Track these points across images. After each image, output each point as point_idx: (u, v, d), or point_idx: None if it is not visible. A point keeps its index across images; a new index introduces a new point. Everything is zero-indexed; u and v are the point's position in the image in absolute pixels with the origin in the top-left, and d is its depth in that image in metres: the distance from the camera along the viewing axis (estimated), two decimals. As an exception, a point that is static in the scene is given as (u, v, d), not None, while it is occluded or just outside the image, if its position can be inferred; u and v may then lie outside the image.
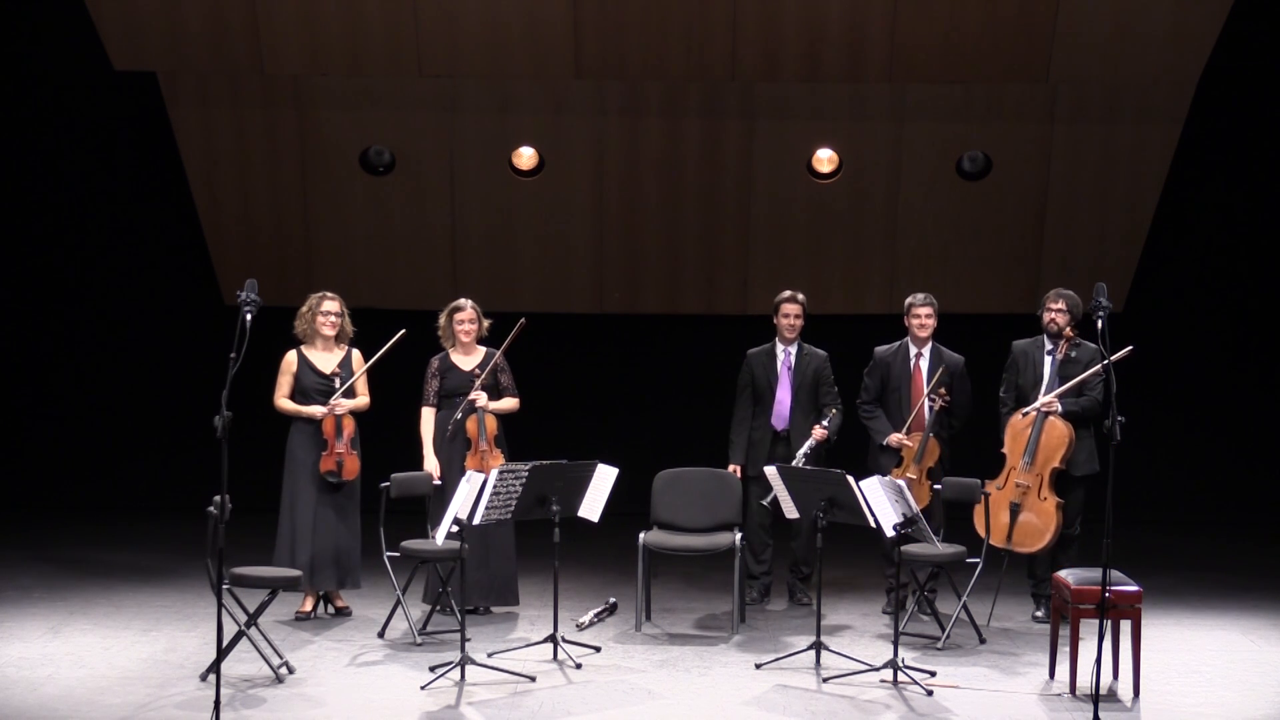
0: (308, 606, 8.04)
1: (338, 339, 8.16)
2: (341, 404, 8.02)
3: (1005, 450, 7.98)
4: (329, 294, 8.19)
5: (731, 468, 8.50)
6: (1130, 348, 7.59)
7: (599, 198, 11.05)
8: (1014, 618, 8.25)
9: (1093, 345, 7.88)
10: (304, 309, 8.16)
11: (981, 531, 7.94)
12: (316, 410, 8.00)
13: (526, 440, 8.73)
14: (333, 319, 8.09)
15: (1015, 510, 7.87)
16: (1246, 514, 11.36)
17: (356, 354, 8.20)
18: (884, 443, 8.29)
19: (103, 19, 10.21)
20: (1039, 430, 7.87)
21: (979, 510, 7.94)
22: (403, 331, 8.02)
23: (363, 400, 8.17)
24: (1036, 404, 7.92)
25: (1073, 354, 7.99)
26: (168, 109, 10.75)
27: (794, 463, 8.16)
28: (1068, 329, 7.97)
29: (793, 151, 10.90)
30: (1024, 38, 10.10)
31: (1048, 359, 8.10)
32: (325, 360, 8.12)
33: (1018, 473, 7.89)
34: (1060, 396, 7.90)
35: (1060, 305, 8.06)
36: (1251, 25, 10.50)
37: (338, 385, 8.04)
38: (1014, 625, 8.12)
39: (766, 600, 8.61)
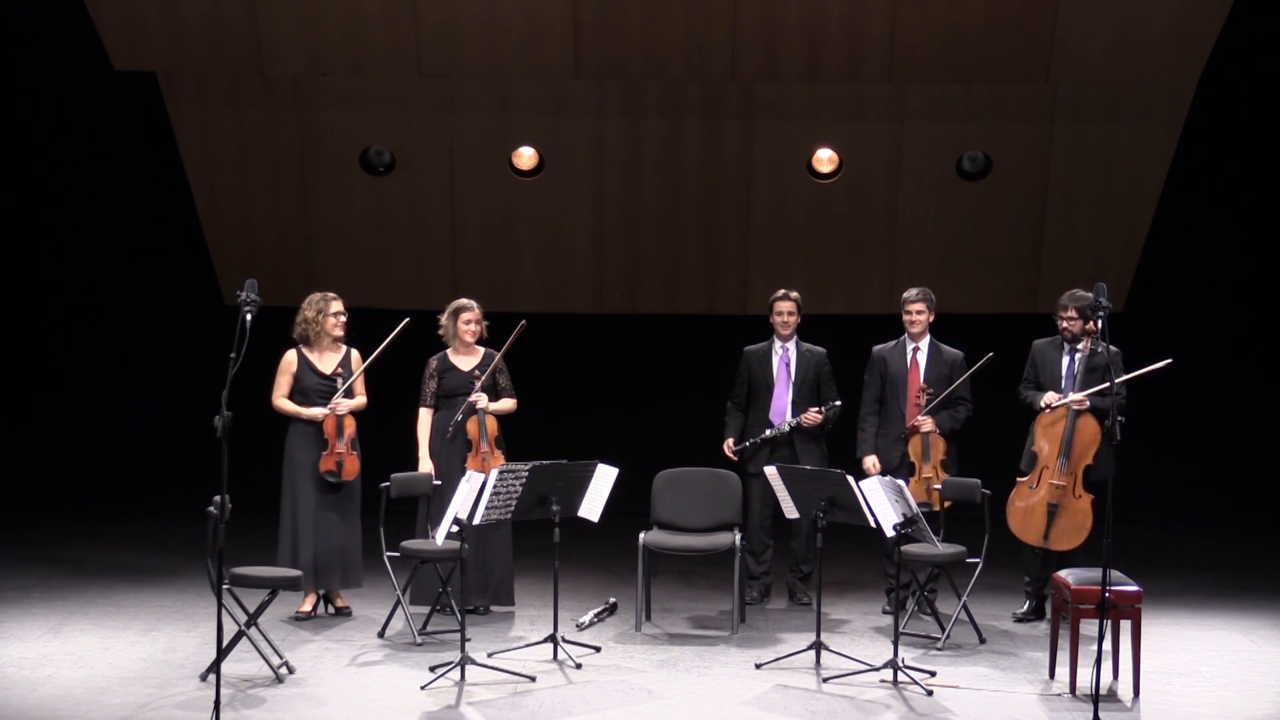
0: (307, 606, 8.04)
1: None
2: (342, 404, 8.02)
3: (1036, 449, 7.96)
4: (330, 294, 8.16)
5: (726, 443, 8.54)
6: (1169, 360, 7.64)
7: (599, 198, 11.05)
8: (1015, 618, 8.25)
9: (1115, 349, 7.88)
10: (308, 312, 8.10)
11: (1013, 528, 7.91)
12: (318, 412, 7.99)
13: (527, 440, 8.73)
14: (343, 319, 8.09)
15: (1053, 510, 7.85)
16: (1246, 514, 11.36)
17: (355, 354, 8.18)
18: (858, 457, 8.32)
19: (103, 19, 10.21)
20: (1071, 429, 7.86)
21: (1012, 509, 7.92)
22: (406, 320, 7.99)
23: (361, 400, 8.16)
24: (1064, 400, 7.89)
25: (1098, 350, 7.95)
26: (168, 109, 10.75)
27: (768, 432, 8.40)
28: (1089, 325, 7.94)
29: (793, 151, 10.91)
30: (1024, 38, 10.10)
31: (1065, 359, 8.10)
32: (326, 361, 8.11)
33: (1052, 472, 7.85)
34: (1089, 395, 7.88)
35: (1071, 313, 8.01)
36: (1251, 25, 10.50)
37: (339, 386, 8.04)
38: (1014, 625, 8.12)
39: (766, 600, 8.61)
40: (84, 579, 8.93)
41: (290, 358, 8.10)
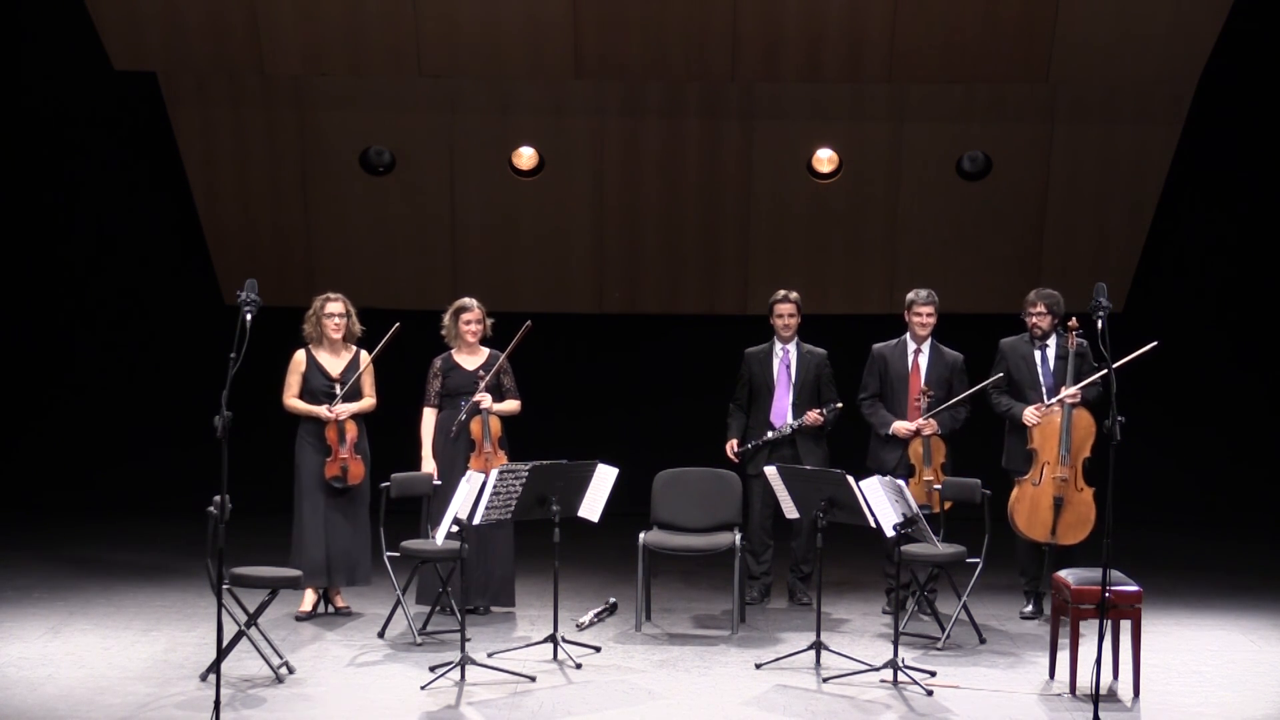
0: (307, 606, 8.05)
1: (344, 339, 8.16)
2: (341, 409, 8.01)
3: (1034, 446, 7.97)
4: (332, 295, 8.17)
5: (730, 444, 8.53)
6: (1155, 343, 7.70)
7: (599, 198, 11.05)
8: (1014, 618, 8.25)
9: (1084, 342, 7.94)
10: (310, 311, 8.15)
11: (1020, 526, 7.92)
12: (323, 411, 8.00)
13: (527, 440, 8.73)
14: (336, 320, 8.09)
15: (1059, 504, 7.86)
16: (1246, 514, 11.35)
17: (364, 355, 8.19)
18: (889, 432, 8.29)
19: (103, 19, 10.20)
20: (1068, 422, 7.88)
21: (1016, 507, 7.93)
22: (397, 325, 8.01)
23: (367, 402, 8.16)
24: (1059, 397, 7.91)
25: (1083, 347, 8.00)
26: (168, 109, 10.75)
27: (769, 435, 8.35)
28: (1072, 321, 7.97)
29: (793, 151, 10.90)
30: (1024, 38, 10.10)
31: (1038, 354, 8.13)
32: (333, 363, 8.12)
33: (1054, 467, 7.88)
34: (1081, 389, 7.91)
35: (1040, 308, 8.12)
36: (1251, 25, 10.50)
37: (338, 391, 8.04)
38: (1014, 625, 8.12)
39: (767, 600, 8.61)
40: (84, 579, 8.93)
41: (299, 357, 8.11)
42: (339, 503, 8.04)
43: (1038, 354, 8.15)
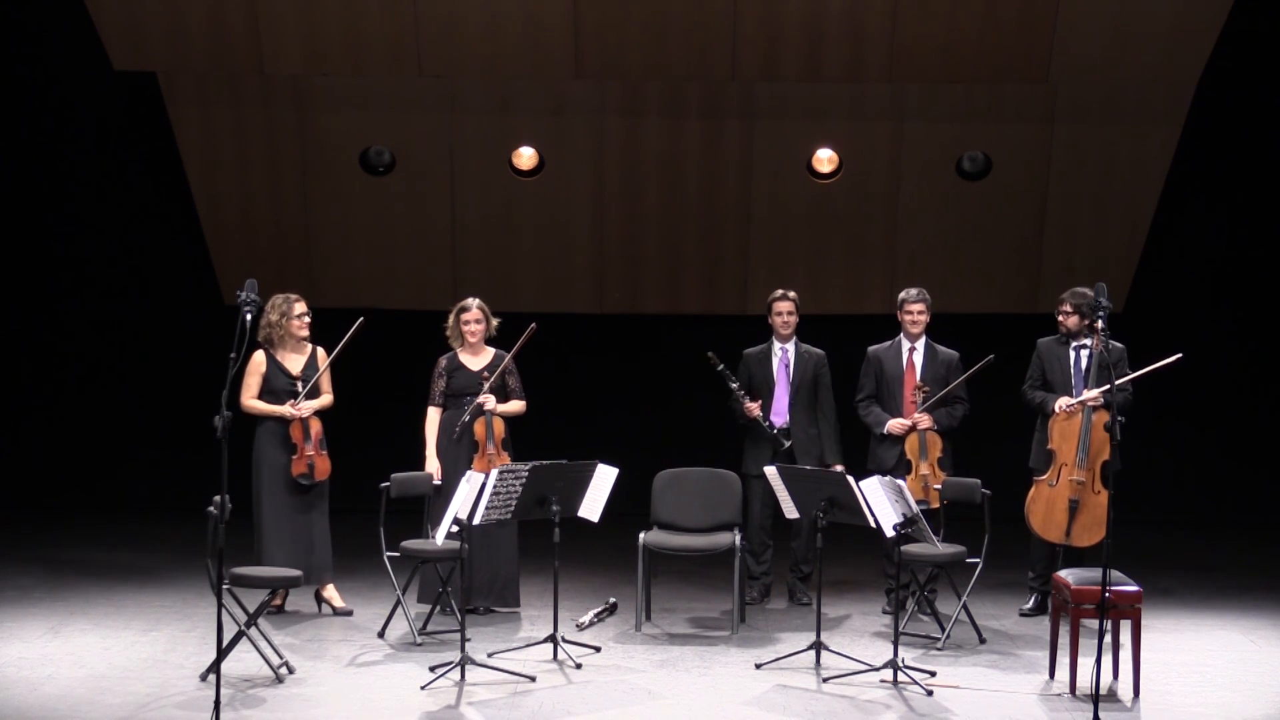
0: (277, 600, 8.03)
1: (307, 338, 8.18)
2: (304, 407, 8.01)
3: (1053, 447, 7.97)
4: (293, 295, 8.18)
5: (749, 407, 8.47)
6: (1179, 355, 7.76)
7: (599, 198, 11.05)
8: (1014, 617, 8.25)
9: (1119, 345, 7.93)
10: (272, 315, 8.08)
11: (1035, 526, 7.92)
12: (287, 410, 8.00)
13: (527, 440, 8.73)
14: (308, 319, 8.11)
15: (1074, 507, 7.86)
16: (1246, 514, 11.36)
17: (321, 352, 8.19)
18: (885, 430, 8.29)
19: (103, 19, 10.21)
20: (1088, 424, 7.87)
21: (1032, 508, 7.93)
22: (360, 320, 8.02)
23: (326, 399, 8.17)
24: (1080, 398, 7.91)
25: (1107, 348, 8.00)
26: (168, 109, 10.75)
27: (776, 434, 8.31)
28: (1096, 324, 7.96)
29: (793, 151, 10.91)
30: (1024, 38, 10.11)
31: (1072, 354, 8.13)
32: (293, 361, 8.13)
33: (1072, 469, 7.87)
34: (1103, 392, 7.90)
35: (1066, 308, 8.12)
36: (1251, 25, 10.50)
37: (300, 389, 8.04)
38: (1014, 625, 8.12)
39: (766, 600, 8.61)
40: (84, 579, 8.93)
41: (259, 359, 8.10)
42: (301, 501, 8.03)
43: (1071, 354, 8.14)
